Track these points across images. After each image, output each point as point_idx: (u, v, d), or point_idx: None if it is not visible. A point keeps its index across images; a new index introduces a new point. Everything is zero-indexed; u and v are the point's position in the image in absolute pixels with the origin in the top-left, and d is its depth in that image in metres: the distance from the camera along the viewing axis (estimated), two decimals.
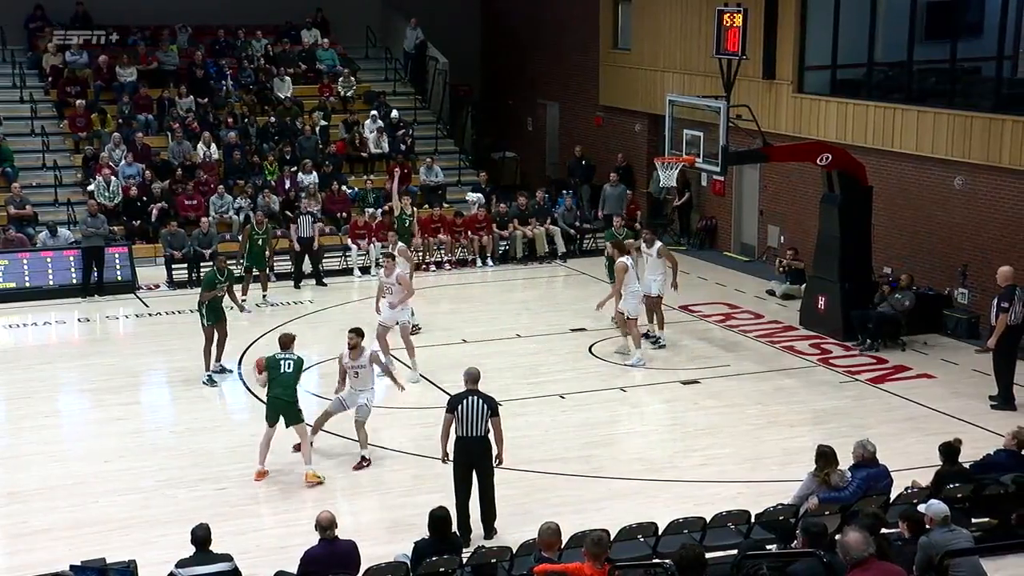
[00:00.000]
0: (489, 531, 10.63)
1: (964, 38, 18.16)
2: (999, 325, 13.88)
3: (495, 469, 10.68)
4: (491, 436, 10.61)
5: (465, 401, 10.50)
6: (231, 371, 15.64)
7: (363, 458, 12.44)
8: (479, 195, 22.90)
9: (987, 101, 17.38)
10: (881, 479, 10.00)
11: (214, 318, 15.22)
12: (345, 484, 12.17)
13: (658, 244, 16.69)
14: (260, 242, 19.03)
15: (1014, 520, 10.10)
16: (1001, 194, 17.11)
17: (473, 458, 10.50)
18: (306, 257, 20.50)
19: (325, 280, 20.59)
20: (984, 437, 12.64)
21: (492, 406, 10.54)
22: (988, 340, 14.17)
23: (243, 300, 17.37)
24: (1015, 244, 16.88)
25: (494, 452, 10.69)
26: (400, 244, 17.22)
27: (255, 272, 19.19)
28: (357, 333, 12.55)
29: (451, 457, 10.70)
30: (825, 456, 9.92)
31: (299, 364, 12.24)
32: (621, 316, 15.99)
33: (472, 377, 10.71)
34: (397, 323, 15.40)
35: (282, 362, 12.14)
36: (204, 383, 15.12)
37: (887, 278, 17.54)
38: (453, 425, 10.54)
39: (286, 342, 12.35)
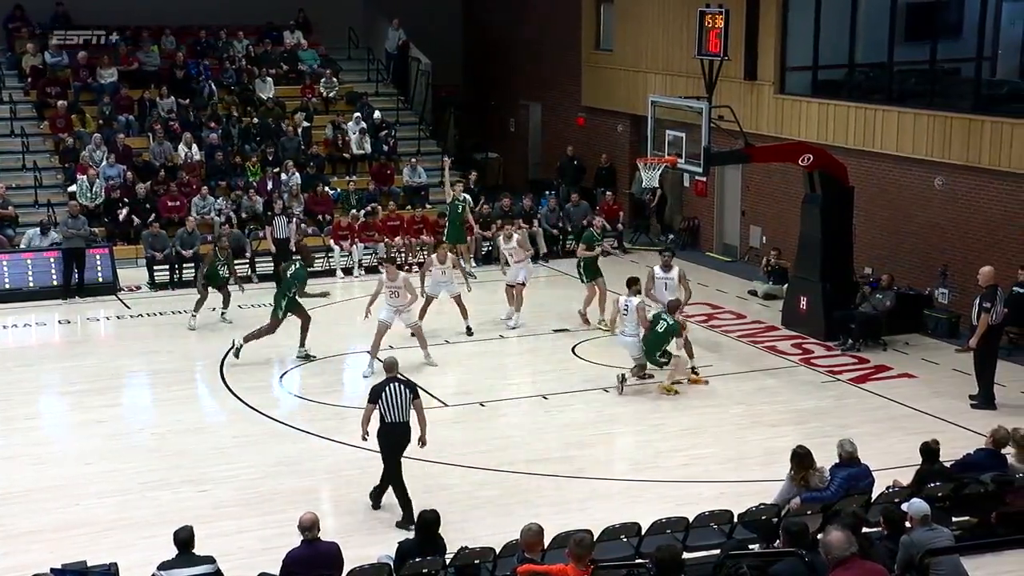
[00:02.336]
0: (407, 520, 10.69)
1: (944, 39, 18.27)
2: (981, 325, 13.96)
3: (421, 450, 11.19)
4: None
5: (388, 389, 10.89)
6: (314, 357, 16.00)
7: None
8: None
9: (967, 102, 17.49)
10: (862, 478, 10.04)
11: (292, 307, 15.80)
12: (328, 485, 12.16)
13: (676, 269, 16.06)
14: (219, 270, 18.01)
15: (994, 519, 10.16)
16: (981, 194, 17.22)
17: (402, 441, 10.97)
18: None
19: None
20: (964, 436, 12.71)
21: (413, 389, 11.00)
22: (970, 340, 14.25)
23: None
24: (995, 244, 17.00)
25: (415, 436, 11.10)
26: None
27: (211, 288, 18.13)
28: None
29: (368, 437, 11.16)
30: (800, 458, 9.95)
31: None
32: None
33: (391, 365, 11.18)
34: (406, 325, 15.75)
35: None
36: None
37: (868, 278, 17.63)
38: (376, 413, 10.92)
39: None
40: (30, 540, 10.68)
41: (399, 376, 11.17)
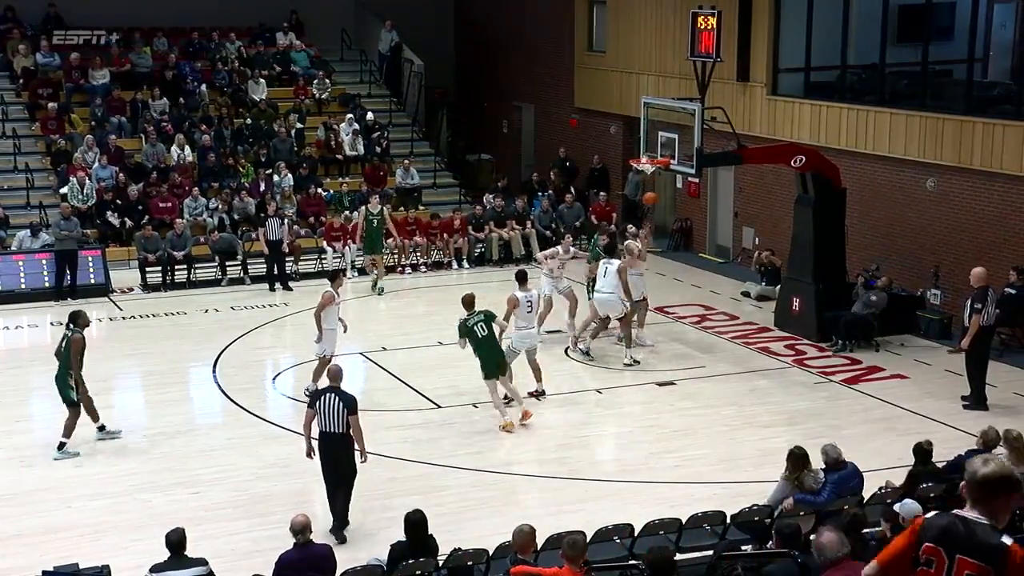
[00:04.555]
0: (340, 528, 10.68)
1: (936, 41, 18.31)
2: (972, 326, 13.98)
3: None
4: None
5: (324, 397, 10.74)
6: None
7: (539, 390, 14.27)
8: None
9: (958, 104, 17.53)
10: (851, 479, 10.04)
11: None
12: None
13: (618, 263, 15.92)
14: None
15: None
16: (972, 196, 17.26)
17: (334, 453, 10.76)
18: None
19: (291, 284, 20.36)
20: (956, 437, 12.73)
21: (349, 404, 10.71)
22: (961, 341, 14.26)
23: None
24: (986, 245, 17.03)
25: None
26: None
27: None
28: (524, 279, 14.60)
29: (316, 451, 10.92)
30: (796, 458, 9.95)
31: (490, 318, 13.46)
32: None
33: (335, 375, 10.96)
34: None
35: (475, 327, 13.29)
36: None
37: (868, 274, 17.55)
38: (315, 420, 10.77)
39: (469, 302, 13.54)
40: (21, 543, 10.64)
41: (339, 388, 10.84)
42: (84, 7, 26.16)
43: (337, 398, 10.71)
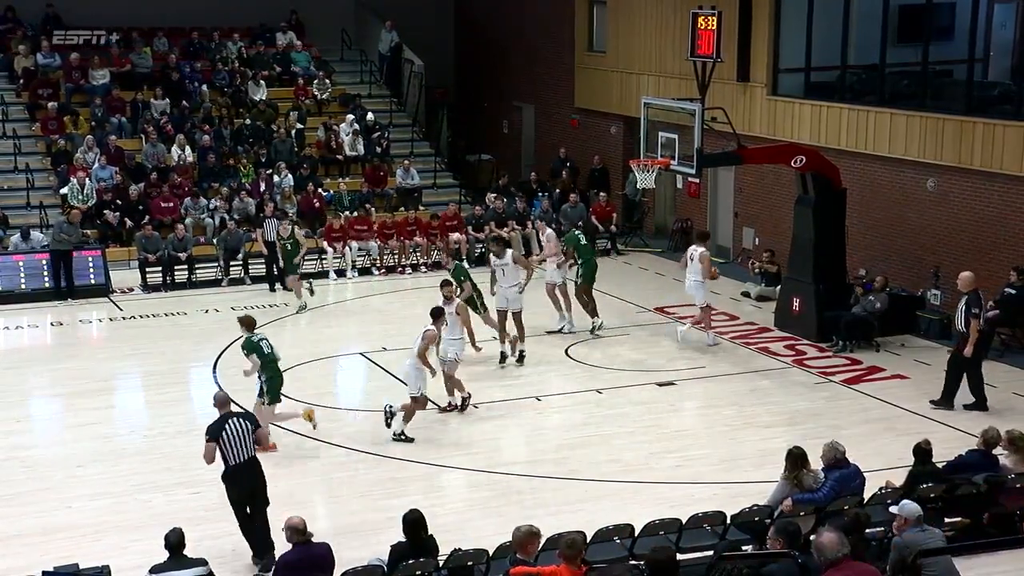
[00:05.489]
0: (265, 552, 9.96)
1: (936, 41, 18.30)
2: (972, 332, 13.80)
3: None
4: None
5: (229, 426, 10.03)
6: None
7: (450, 403, 13.72)
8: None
9: (958, 104, 17.52)
10: (853, 479, 10.04)
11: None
12: (320, 487, 12.13)
13: (511, 252, 16.20)
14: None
15: (986, 520, 10.17)
16: (973, 196, 17.26)
17: (252, 482, 10.12)
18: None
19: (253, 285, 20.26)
20: (956, 437, 12.72)
21: (253, 421, 10.34)
22: (964, 349, 14.04)
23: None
24: (986, 245, 17.03)
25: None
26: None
27: None
28: (446, 284, 13.99)
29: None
30: (795, 458, 9.95)
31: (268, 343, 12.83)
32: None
33: (223, 401, 10.40)
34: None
35: (262, 343, 12.68)
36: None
37: (861, 279, 17.65)
38: (219, 452, 10.04)
39: (250, 324, 12.81)
40: (20, 543, 10.64)
41: (234, 411, 10.38)
42: (83, 7, 26.14)
43: (242, 420, 10.17)
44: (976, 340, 13.88)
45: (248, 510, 10.13)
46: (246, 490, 10.10)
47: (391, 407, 13.09)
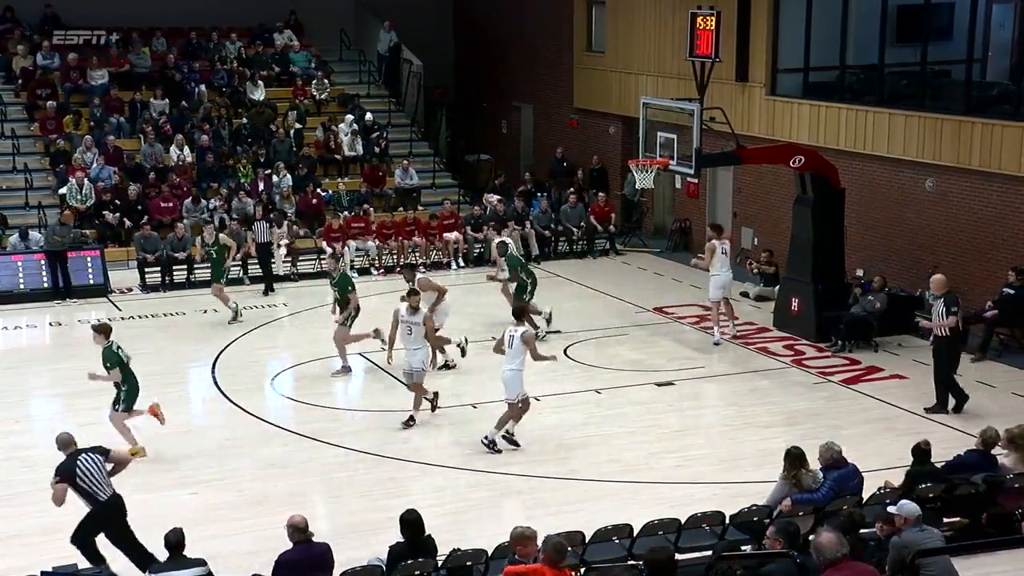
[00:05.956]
0: (150, 561, 9.46)
1: (934, 41, 18.31)
2: (950, 322, 13.68)
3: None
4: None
5: (79, 463, 9.63)
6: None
7: (411, 417, 13.33)
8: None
9: (957, 104, 17.54)
10: (851, 479, 10.05)
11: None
12: (319, 487, 12.14)
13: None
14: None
15: (985, 520, 10.18)
16: (971, 196, 17.27)
17: (118, 517, 9.78)
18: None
19: (275, 287, 20.23)
20: (955, 437, 12.74)
21: (103, 451, 9.99)
22: (939, 332, 13.87)
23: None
24: (985, 245, 17.04)
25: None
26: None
27: None
28: (414, 293, 13.55)
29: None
30: (793, 458, 9.96)
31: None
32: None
33: (66, 442, 9.88)
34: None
35: (120, 351, 12.58)
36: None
37: (859, 280, 17.66)
38: (75, 493, 9.69)
39: (107, 331, 12.71)
40: (20, 543, 10.65)
41: (80, 447, 9.86)
42: (82, 7, 26.13)
43: (91, 455, 9.74)
44: (951, 337, 13.71)
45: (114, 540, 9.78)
46: (113, 526, 9.75)
47: (488, 438, 12.74)
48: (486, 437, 12.74)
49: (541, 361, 13.07)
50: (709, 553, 9.17)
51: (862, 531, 8.94)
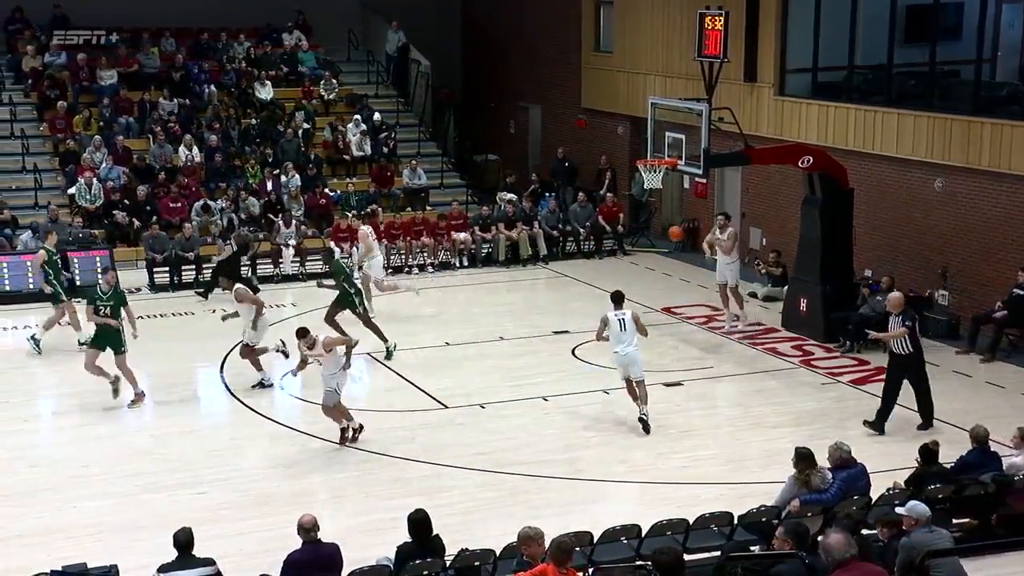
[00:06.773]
0: None
1: (943, 41, 18.26)
2: (900, 333, 13.15)
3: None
4: None
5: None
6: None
7: (344, 430, 12.96)
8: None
9: (966, 104, 17.49)
10: (859, 479, 10.04)
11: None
12: (326, 487, 12.15)
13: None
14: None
15: (994, 521, 10.15)
16: (980, 196, 17.22)
17: None
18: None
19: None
20: (963, 438, 12.61)
21: None
22: (881, 334, 13.71)
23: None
24: (994, 246, 16.99)
25: None
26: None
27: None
28: (300, 333, 13.04)
29: None
30: (803, 458, 9.94)
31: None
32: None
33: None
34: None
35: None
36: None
37: (867, 280, 17.62)
38: None
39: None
40: (25, 543, 10.66)
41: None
42: (91, 8, 26.17)
43: None
44: (914, 353, 13.17)
45: None
46: None
47: (642, 416, 13.41)
48: (641, 417, 13.33)
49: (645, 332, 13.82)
50: (718, 554, 9.16)
51: (864, 532, 8.92)
